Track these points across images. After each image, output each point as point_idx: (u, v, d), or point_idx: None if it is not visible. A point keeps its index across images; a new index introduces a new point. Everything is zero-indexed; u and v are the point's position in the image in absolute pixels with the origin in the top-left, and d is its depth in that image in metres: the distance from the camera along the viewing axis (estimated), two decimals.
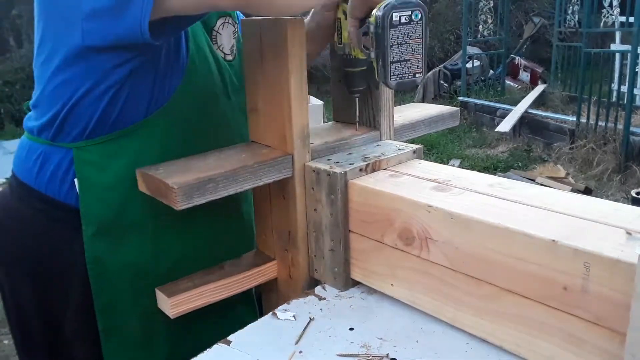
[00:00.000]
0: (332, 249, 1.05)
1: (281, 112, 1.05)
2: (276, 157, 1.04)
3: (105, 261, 1.05)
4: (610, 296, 0.69)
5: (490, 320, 0.84)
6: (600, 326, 0.71)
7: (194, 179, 0.93)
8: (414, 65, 0.97)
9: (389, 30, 0.93)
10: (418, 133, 1.31)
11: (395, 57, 0.95)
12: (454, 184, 0.97)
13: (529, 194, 0.90)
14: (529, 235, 0.77)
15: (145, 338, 1.12)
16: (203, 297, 1.06)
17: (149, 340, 1.12)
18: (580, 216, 0.80)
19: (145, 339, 1.12)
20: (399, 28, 0.94)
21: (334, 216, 1.03)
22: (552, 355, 0.78)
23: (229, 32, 1.22)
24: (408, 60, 0.96)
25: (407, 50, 0.96)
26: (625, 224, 0.76)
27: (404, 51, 0.95)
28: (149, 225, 1.09)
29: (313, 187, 1.06)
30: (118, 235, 1.05)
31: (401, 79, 0.97)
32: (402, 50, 0.95)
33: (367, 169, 1.05)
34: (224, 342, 0.93)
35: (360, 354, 0.87)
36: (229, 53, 1.22)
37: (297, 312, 1.01)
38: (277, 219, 1.13)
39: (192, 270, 1.12)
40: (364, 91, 1.16)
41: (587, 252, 0.71)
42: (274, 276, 1.16)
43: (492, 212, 0.84)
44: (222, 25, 1.20)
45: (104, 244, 1.05)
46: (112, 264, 1.06)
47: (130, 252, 1.07)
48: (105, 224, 1.04)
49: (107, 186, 1.04)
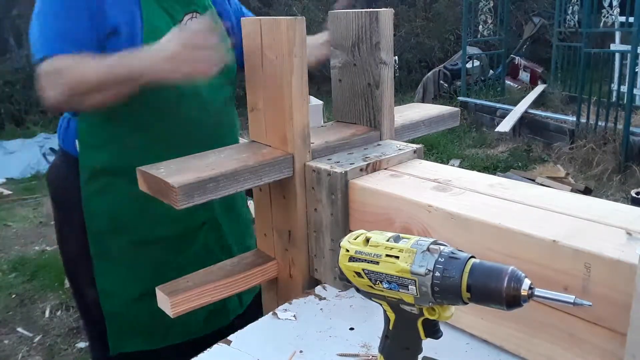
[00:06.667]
0: (333, 248, 1.05)
1: (282, 111, 1.05)
2: (277, 157, 1.04)
3: (94, 199, 1.34)
4: (611, 296, 0.69)
5: (491, 321, 0.85)
6: (601, 326, 0.71)
7: (195, 178, 0.93)
8: None
9: None
10: (418, 133, 1.31)
11: None
12: (455, 184, 0.97)
13: (529, 194, 0.90)
14: (530, 235, 0.77)
15: (130, 262, 1.37)
16: (203, 296, 1.07)
17: (133, 265, 1.37)
18: (580, 216, 0.81)
19: (130, 264, 1.37)
20: None
21: (335, 216, 1.03)
22: (553, 355, 0.78)
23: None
24: None
25: None
26: (626, 224, 0.77)
27: None
28: (128, 174, 1.24)
29: (313, 187, 1.06)
30: (104, 182, 1.33)
31: None
32: None
33: (367, 169, 1.05)
34: (224, 342, 0.93)
35: (361, 353, 0.87)
36: None
37: (297, 311, 1.01)
38: (277, 219, 1.13)
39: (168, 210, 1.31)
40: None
41: (587, 253, 0.71)
42: (274, 275, 1.16)
43: (493, 212, 0.84)
44: (189, 20, 1.31)
45: (94, 187, 1.33)
46: (99, 203, 1.34)
47: (113, 195, 1.33)
48: (94, 172, 1.33)
49: (96, 145, 1.32)
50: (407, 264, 0.63)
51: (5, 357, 2.73)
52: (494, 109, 6.48)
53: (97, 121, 1.31)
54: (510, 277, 0.59)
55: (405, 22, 9.23)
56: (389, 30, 1.15)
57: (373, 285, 0.67)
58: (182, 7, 1.32)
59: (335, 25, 1.20)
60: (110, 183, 1.33)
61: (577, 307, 0.58)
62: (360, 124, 1.22)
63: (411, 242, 0.65)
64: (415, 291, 0.63)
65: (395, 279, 0.65)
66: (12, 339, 2.90)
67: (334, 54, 1.22)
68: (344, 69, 1.22)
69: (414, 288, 0.63)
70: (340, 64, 1.22)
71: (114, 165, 1.32)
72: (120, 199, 1.33)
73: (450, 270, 0.61)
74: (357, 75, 1.20)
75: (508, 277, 0.59)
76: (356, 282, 0.69)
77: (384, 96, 1.18)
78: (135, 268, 1.37)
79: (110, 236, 1.36)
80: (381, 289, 0.67)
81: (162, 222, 1.35)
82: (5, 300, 3.25)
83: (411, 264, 0.63)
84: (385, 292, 0.67)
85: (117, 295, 1.38)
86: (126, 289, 1.38)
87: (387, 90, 1.18)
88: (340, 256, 0.70)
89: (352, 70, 1.20)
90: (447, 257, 0.62)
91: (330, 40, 1.23)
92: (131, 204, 1.33)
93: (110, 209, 1.34)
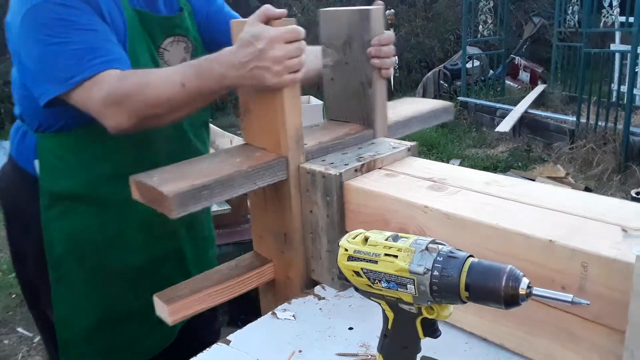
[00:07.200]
0: (330, 249, 1.05)
1: (274, 114, 1.03)
2: (270, 160, 1.03)
3: (55, 224, 1.25)
4: (608, 295, 0.69)
5: (490, 319, 0.85)
6: (599, 324, 0.72)
7: (188, 186, 0.92)
8: None
9: None
10: (412, 129, 1.30)
11: None
12: (450, 182, 0.96)
13: (525, 191, 0.90)
14: (526, 235, 0.77)
15: (89, 290, 1.29)
16: (201, 302, 1.05)
17: (93, 292, 1.30)
18: (577, 214, 0.81)
19: (89, 291, 1.29)
20: None
21: (330, 217, 1.02)
22: (552, 353, 0.78)
23: (180, 48, 1.29)
24: None
25: None
26: (622, 221, 0.77)
27: None
28: (94, 200, 1.24)
29: (308, 189, 1.05)
30: (67, 206, 1.24)
31: None
32: None
33: (362, 169, 1.04)
34: (224, 342, 0.93)
35: (360, 353, 0.87)
36: None
37: (296, 311, 1.01)
38: (272, 221, 1.12)
39: (135, 238, 1.27)
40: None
41: (584, 252, 0.71)
42: (271, 278, 1.16)
43: (489, 211, 0.84)
44: (170, 44, 1.27)
45: (55, 212, 1.25)
46: (61, 228, 1.25)
47: (76, 221, 1.25)
48: (57, 197, 1.23)
49: (61, 170, 1.22)
50: (405, 263, 0.63)
51: (5, 357, 2.73)
52: (494, 109, 6.47)
53: (65, 144, 1.22)
54: (508, 276, 0.59)
55: (405, 22, 9.22)
56: (381, 28, 1.14)
57: (372, 285, 0.67)
58: (164, 30, 1.27)
59: (326, 23, 1.19)
60: (73, 208, 1.25)
61: (575, 306, 0.58)
62: (353, 122, 1.21)
63: (410, 241, 0.65)
64: (413, 290, 0.63)
65: (393, 278, 0.65)
66: (12, 339, 2.90)
67: (326, 52, 1.21)
68: (336, 68, 1.20)
69: (413, 287, 0.63)
70: (332, 63, 1.20)
71: (80, 192, 1.24)
72: (84, 224, 1.26)
73: (449, 269, 0.61)
74: (350, 74, 1.18)
75: (506, 276, 0.59)
76: (355, 282, 0.69)
77: (377, 94, 1.17)
78: (94, 296, 1.30)
79: (71, 262, 1.27)
80: (380, 288, 0.67)
81: (127, 251, 1.29)
82: (5, 300, 3.25)
83: (410, 263, 0.63)
84: (384, 291, 0.67)
85: (73, 323, 1.31)
86: (83, 317, 1.30)
87: (379, 89, 1.17)
88: (339, 255, 0.70)
89: (344, 68, 1.19)
90: (445, 256, 0.63)
91: (322, 39, 1.21)
92: (95, 231, 1.26)
93: (72, 235, 1.26)
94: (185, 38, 1.31)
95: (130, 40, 1.19)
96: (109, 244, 1.28)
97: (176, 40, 1.29)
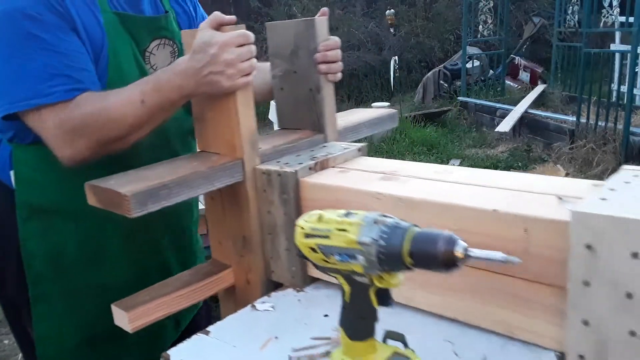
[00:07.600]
0: (288, 248, 1.06)
1: (229, 117, 1.05)
2: (227, 162, 1.05)
3: (34, 240, 1.20)
4: (550, 255, 0.75)
5: (442, 295, 0.88)
6: (543, 284, 0.77)
7: (146, 186, 0.93)
8: None
9: None
10: (361, 134, 1.34)
11: None
12: (401, 173, 1.00)
13: (471, 175, 0.96)
14: (472, 208, 0.82)
15: (70, 308, 1.24)
16: (161, 309, 1.05)
17: (74, 310, 1.24)
18: (517, 189, 0.87)
19: (70, 309, 1.24)
20: None
21: (288, 215, 1.04)
22: (504, 319, 0.82)
23: (166, 52, 1.26)
24: None
25: None
26: (558, 192, 0.83)
27: None
28: (73, 214, 1.19)
29: (265, 190, 1.06)
30: (46, 222, 1.20)
31: None
32: None
33: (316, 167, 1.06)
34: (203, 333, 0.96)
35: (333, 337, 0.89)
36: None
37: (275, 303, 1.03)
38: (231, 226, 1.13)
39: (117, 253, 1.23)
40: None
41: (525, 217, 0.77)
42: (231, 283, 1.16)
43: (438, 192, 0.89)
44: (156, 47, 1.25)
45: (33, 226, 1.20)
46: (40, 244, 1.20)
47: (54, 237, 1.20)
48: (34, 210, 1.19)
49: (38, 182, 1.18)
50: (354, 235, 0.68)
51: (5, 357, 2.73)
52: (494, 109, 6.45)
53: (40, 155, 1.15)
54: (445, 241, 0.63)
55: (405, 22, 9.22)
56: (326, 35, 1.17)
57: (327, 259, 0.71)
58: (150, 32, 1.23)
59: (274, 35, 1.21)
60: (52, 223, 1.20)
61: (511, 265, 0.63)
62: (304, 129, 1.23)
63: (360, 216, 0.70)
64: (363, 261, 0.68)
65: (344, 250, 0.69)
66: (12, 339, 2.87)
67: (274, 63, 1.23)
68: (284, 77, 1.22)
69: (362, 258, 0.67)
70: (281, 73, 1.22)
71: (57, 206, 1.20)
72: (62, 240, 1.21)
73: (393, 238, 0.66)
74: (298, 82, 1.20)
75: (443, 240, 0.63)
76: (312, 258, 0.74)
77: (326, 99, 1.20)
78: (76, 314, 1.25)
79: (51, 279, 1.22)
80: (334, 261, 0.71)
81: (109, 267, 1.25)
82: None
83: (358, 235, 0.68)
84: (337, 265, 0.71)
85: (54, 342, 1.26)
86: (64, 336, 1.26)
87: (328, 94, 1.20)
88: (297, 234, 0.74)
89: (292, 77, 1.21)
90: (391, 227, 0.67)
91: (270, 50, 1.22)
92: (76, 247, 1.21)
93: (53, 251, 1.21)
94: (172, 42, 1.28)
95: (111, 45, 1.15)
96: (90, 260, 1.23)
97: (162, 44, 1.26)
